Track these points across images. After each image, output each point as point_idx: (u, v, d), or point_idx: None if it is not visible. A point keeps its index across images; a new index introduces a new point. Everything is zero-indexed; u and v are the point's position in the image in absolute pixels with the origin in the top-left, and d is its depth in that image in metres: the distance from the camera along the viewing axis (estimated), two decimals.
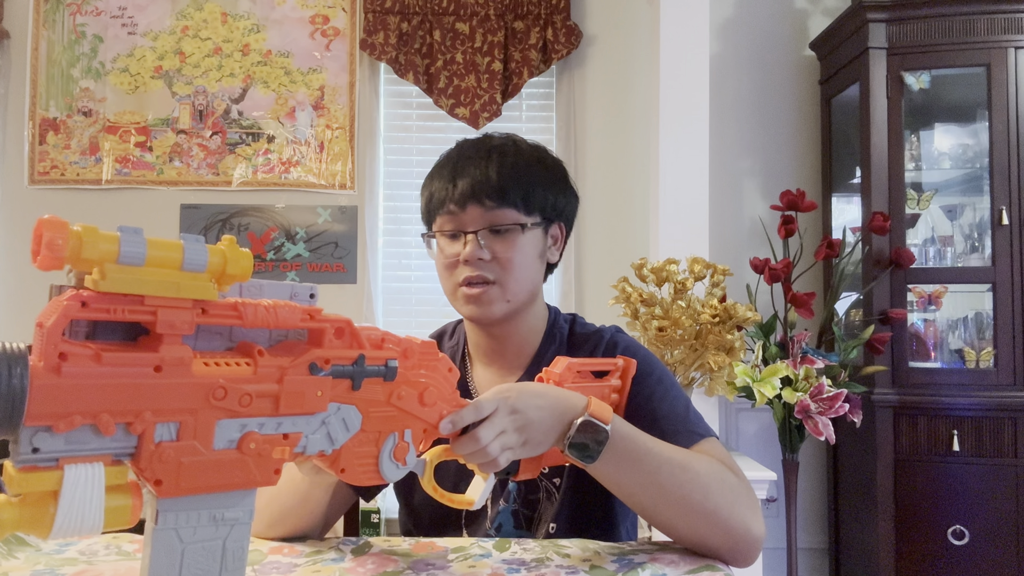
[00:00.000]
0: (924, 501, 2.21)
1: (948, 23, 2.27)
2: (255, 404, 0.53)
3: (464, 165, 0.95)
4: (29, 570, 0.72)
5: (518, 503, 0.99)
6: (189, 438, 0.50)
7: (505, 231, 0.94)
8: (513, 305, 0.96)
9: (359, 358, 0.60)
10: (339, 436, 0.60)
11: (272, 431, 0.54)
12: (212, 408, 0.51)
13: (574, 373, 0.85)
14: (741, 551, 0.79)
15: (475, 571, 0.74)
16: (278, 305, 0.55)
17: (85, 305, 0.45)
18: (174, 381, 0.49)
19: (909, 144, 2.39)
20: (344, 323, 0.59)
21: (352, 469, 0.62)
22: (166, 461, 0.49)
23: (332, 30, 2.74)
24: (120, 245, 0.45)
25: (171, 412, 0.49)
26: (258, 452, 0.53)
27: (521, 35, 2.69)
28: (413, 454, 0.66)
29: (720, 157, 2.66)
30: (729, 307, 1.93)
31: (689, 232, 2.23)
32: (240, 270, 0.51)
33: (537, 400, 0.74)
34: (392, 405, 0.64)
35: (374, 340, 0.62)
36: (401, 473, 0.66)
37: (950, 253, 2.40)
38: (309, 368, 0.56)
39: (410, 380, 0.65)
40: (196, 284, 0.49)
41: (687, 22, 2.27)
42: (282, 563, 0.76)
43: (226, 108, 2.72)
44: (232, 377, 0.52)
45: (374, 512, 2.43)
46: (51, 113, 2.70)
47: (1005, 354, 2.20)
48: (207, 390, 0.50)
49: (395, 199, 2.80)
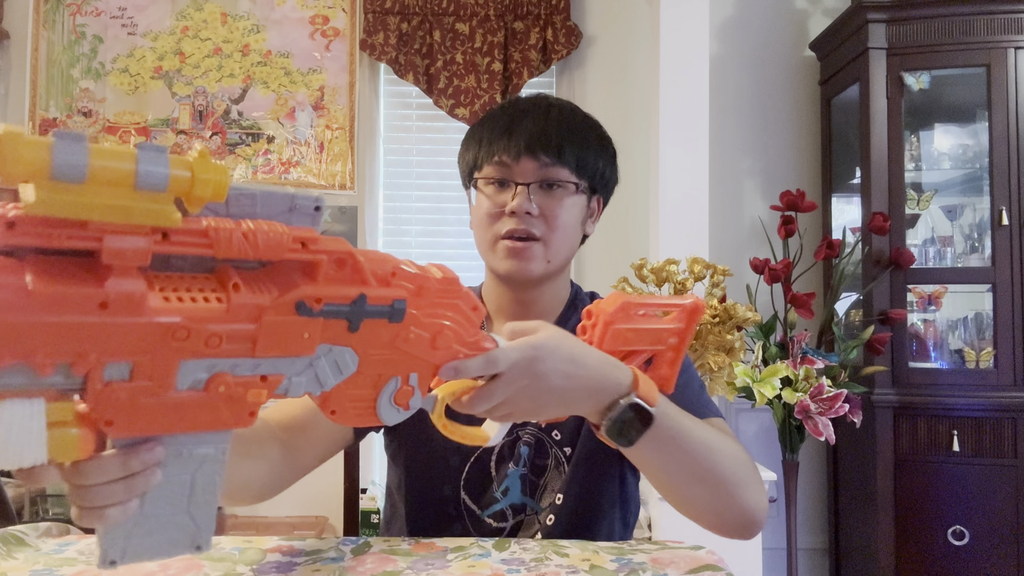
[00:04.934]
0: (924, 501, 2.21)
1: (948, 23, 2.27)
2: (226, 346, 0.45)
3: (521, 118, 0.92)
4: (28, 570, 0.72)
5: (527, 467, 0.96)
6: (144, 379, 0.43)
7: (557, 188, 0.92)
8: (552, 266, 0.93)
9: (359, 298, 0.50)
10: (329, 379, 0.52)
11: (248, 372, 0.47)
12: (172, 349, 0.43)
13: (627, 314, 0.74)
14: (752, 524, 0.80)
15: (475, 571, 0.74)
16: (261, 229, 0.45)
17: (12, 227, 0.38)
18: (124, 320, 0.40)
19: (909, 144, 2.39)
20: (345, 253, 0.49)
21: (344, 411, 0.54)
22: (117, 402, 0.42)
23: (332, 30, 2.74)
24: (52, 154, 0.36)
25: (121, 353, 0.41)
26: (228, 395, 0.46)
27: (521, 35, 2.69)
28: (418, 397, 0.58)
29: (720, 157, 2.66)
30: (729, 307, 1.93)
31: (689, 232, 2.22)
32: (212, 190, 0.41)
33: (569, 367, 0.65)
34: (397, 348, 0.55)
35: (381, 275, 0.52)
36: (402, 416, 0.58)
37: (950, 253, 2.40)
38: (295, 307, 0.47)
39: (422, 321, 0.55)
40: (152, 208, 0.40)
41: (687, 22, 2.27)
42: (281, 562, 0.76)
43: (226, 108, 2.72)
44: (197, 316, 0.43)
45: (374, 512, 2.43)
46: (51, 113, 2.70)
47: (1005, 354, 2.20)
48: (165, 330, 0.42)
49: (395, 199, 2.80)
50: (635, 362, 0.77)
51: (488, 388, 0.62)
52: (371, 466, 2.68)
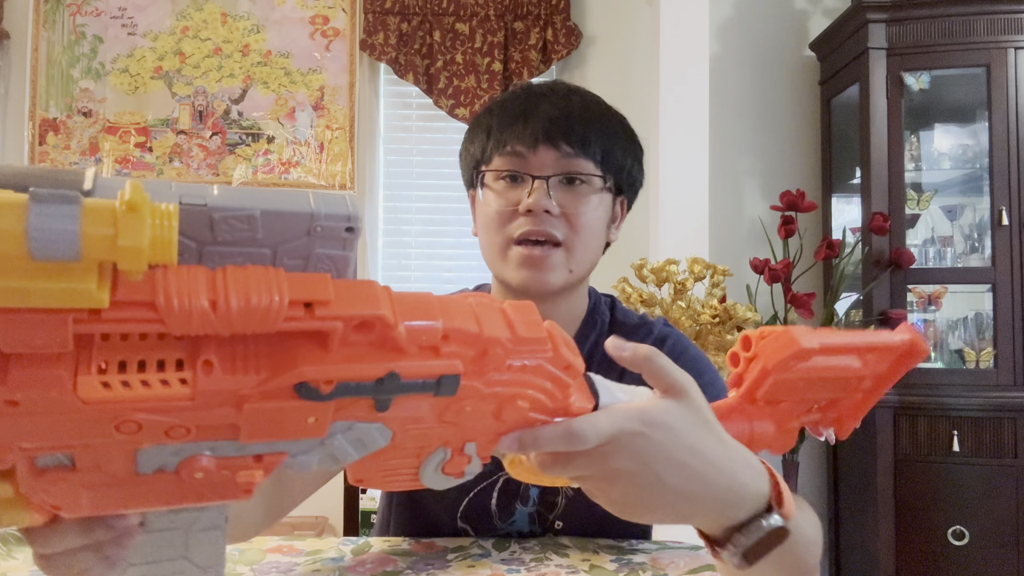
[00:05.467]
0: (924, 501, 2.21)
1: (948, 23, 2.27)
2: (195, 434, 0.34)
3: (538, 102, 0.79)
4: (27, 570, 0.72)
5: (536, 506, 0.88)
6: (91, 470, 0.34)
7: (580, 183, 0.78)
8: (574, 276, 0.80)
9: (388, 376, 0.36)
10: (349, 455, 0.40)
11: (234, 453, 0.37)
12: (121, 441, 0.33)
13: (808, 356, 0.51)
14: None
15: (475, 571, 0.74)
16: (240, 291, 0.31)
17: None
18: (44, 418, 0.31)
19: (909, 144, 2.39)
20: (372, 316, 0.34)
21: (374, 480, 0.43)
22: (59, 489, 0.34)
23: (332, 30, 2.74)
24: None
25: (51, 447, 0.33)
26: (210, 480, 0.36)
27: (521, 35, 2.69)
28: (477, 464, 0.44)
29: (720, 157, 2.66)
30: (729, 307, 1.93)
31: (689, 232, 2.22)
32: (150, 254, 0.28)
33: (690, 460, 0.47)
34: (446, 423, 0.41)
35: (427, 342, 0.37)
36: (452, 483, 0.45)
37: (950, 253, 2.40)
38: (295, 390, 0.34)
39: (483, 392, 0.40)
40: (60, 287, 0.28)
41: (687, 22, 2.27)
42: (281, 563, 0.76)
43: (226, 108, 2.72)
44: (151, 407, 0.32)
45: (374, 512, 2.42)
46: (51, 113, 2.70)
47: (1005, 354, 2.20)
48: (105, 424, 0.32)
49: (395, 199, 2.80)
50: (805, 408, 0.57)
51: (568, 458, 0.45)
52: None
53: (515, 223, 0.79)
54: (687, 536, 0.91)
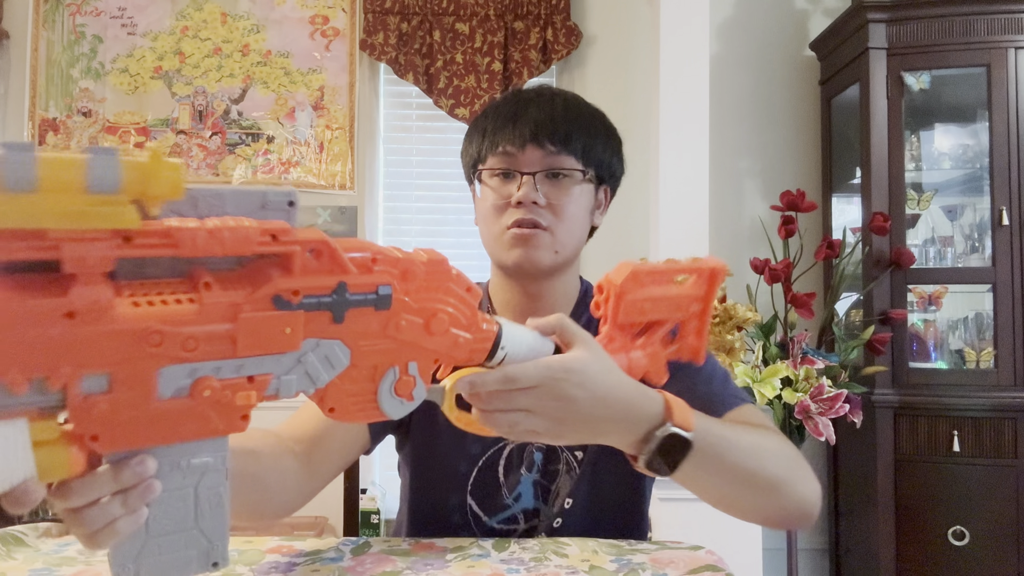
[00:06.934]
0: (924, 501, 2.21)
1: (948, 23, 2.27)
2: (203, 348, 0.44)
3: (526, 107, 0.91)
4: (27, 570, 0.72)
5: (540, 473, 0.94)
6: (125, 389, 0.42)
7: (563, 177, 0.90)
8: (560, 257, 0.91)
9: (339, 287, 0.49)
10: (321, 375, 0.50)
11: (232, 374, 0.46)
12: (148, 356, 0.42)
13: (640, 283, 0.69)
14: (805, 517, 0.78)
15: (474, 571, 0.74)
16: (228, 225, 0.44)
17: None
18: (93, 329, 0.40)
19: (909, 144, 2.39)
20: (320, 242, 0.48)
21: (344, 408, 0.53)
22: (99, 415, 0.42)
23: (332, 30, 2.74)
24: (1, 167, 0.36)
25: (95, 364, 0.41)
26: (216, 399, 0.45)
27: (521, 35, 2.69)
28: (422, 388, 0.56)
29: (720, 157, 2.66)
30: (729, 307, 1.93)
31: (689, 232, 2.22)
32: (168, 187, 0.41)
33: (600, 391, 0.63)
34: (389, 336, 0.53)
35: (361, 262, 0.51)
36: (407, 408, 0.56)
37: (950, 253, 2.40)
38: (272, 302, 0.46)
39: (412, 307, 0.54)
40: (108, 211, 0.39)
41: (687, 22, 2.27)
42: (281, 563, 0.76)
43: (226, 108, 2.72)
44: (170, 319, 0.42)
45: (374, 513, 2.43)
46: (51, 113, 2.70)
47: (1005, 354, 2.20)
48: (137, 336, 0.41)
49: (395, 199, 2.80)
50: (658, 333, 0.73)
51: (506, 397, 0.61)
52: (371, 466, 2.68)
53: (508, 213, 0.90)
54: (687, 536, 0.91)
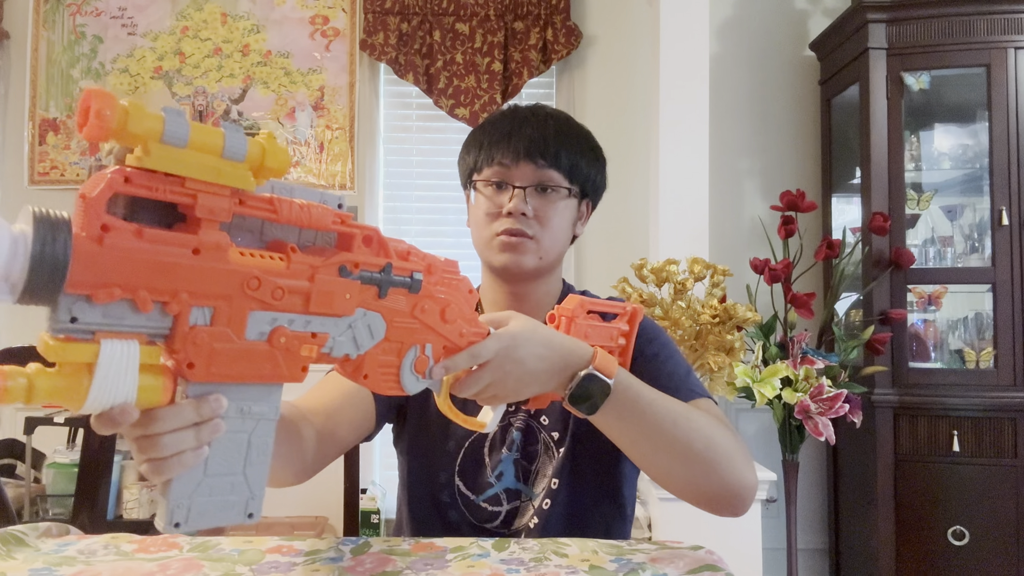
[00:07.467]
0: (924, 501, 2.21)
1: (948, 23, 2.27)
2: (286, 299, 0.53)
3: (521, 125, 1.00)
4: (27, 569, 0.72)
5: (519, 453, 1.02)
6: (223, 324, 0.50)
7: (551, 191, 0.99)
8: (544, 263, 1.00)
9: (386, 266, 0.61)
10: (364, 342, 0.61)
11: (301, 328, 0.55)
12: (246, 297, 0.51)
13: (584, 312, 0.87)
14: (736, 499, 0.83)
15: (474, 571, 0.74)
16: (311, 205, 0.55)
17: (128, 180, 0.45)
18: (211, 265, 0.49)
19: (909, 144, 2.39)
20: (372, 231, 0.60)
21: (375, 376, 0.63)
22: (199, 345, 0.49)
23: (332, 30, 2.74)
24: (165, 124, 0.45)
25: (207, 296, 0.49)
26: (287, 347, 0.54)
27: (521, 35, 2.69)
28: (437, 368, 0.68)
29: (720, 157, 2.66)
30: (729, 307, 1.93)
31: (689, 232, 2.22)
32: (278, 164, 0.51)
33: (540, 350, 0.75)
34: (415, 317, 0.65)
35: (401, 252, 0.63)
36: (420, 386, 0.67)
37: (950, 253, 2.40)
38: (339, 270, 0.57)
39: (433, 295, 0.66)
40: (235, 172, 0.49)
41: (687, 22, 2.27)
42: (281, 562, 0.76)
43: (226, 108, 2.72)
44: (266, 269, 0.52)
45: (374, 513, 2.43)
46: (51, 113, 2.70)
47: (1005, 354, 2.20)
48: (242, 278, 0.50)
49: (395, 199, 2.80)
50: None
51: (476, 374, 0.72)
52: (371, 466, 2.68)
53: (499, 221, 0.99)
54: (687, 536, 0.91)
